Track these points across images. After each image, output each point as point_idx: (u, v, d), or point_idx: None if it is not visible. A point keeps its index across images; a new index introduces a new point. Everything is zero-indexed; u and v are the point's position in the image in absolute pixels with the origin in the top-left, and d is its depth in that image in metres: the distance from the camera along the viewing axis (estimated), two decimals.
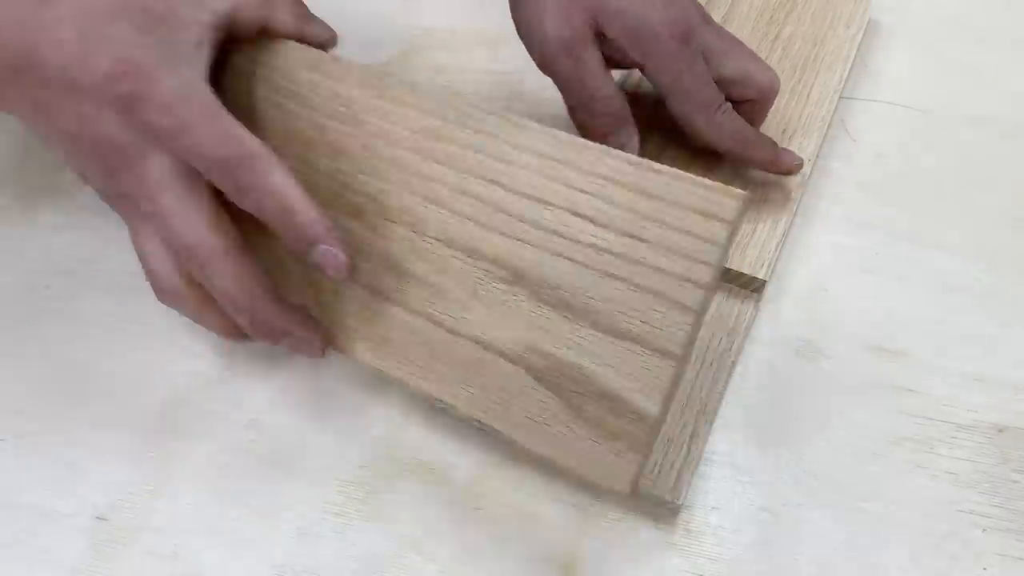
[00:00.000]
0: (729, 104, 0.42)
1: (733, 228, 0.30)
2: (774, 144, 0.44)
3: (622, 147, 0.42)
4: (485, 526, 0.37)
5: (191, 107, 0.32)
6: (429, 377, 0.35)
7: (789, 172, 0.44)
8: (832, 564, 0.36)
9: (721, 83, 0.42)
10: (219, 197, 0.34)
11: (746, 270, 0.42)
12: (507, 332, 0.33)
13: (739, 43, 0.43)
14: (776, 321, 0.43)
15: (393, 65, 0.53)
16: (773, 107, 0.45)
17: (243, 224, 0.35)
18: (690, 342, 0.31)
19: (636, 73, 0.50)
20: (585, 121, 0.43)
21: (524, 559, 0.36)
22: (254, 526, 0.37)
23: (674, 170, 0.32)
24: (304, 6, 0.40)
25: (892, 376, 0.41)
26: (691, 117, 0.42)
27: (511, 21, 0.42)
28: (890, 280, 0.44)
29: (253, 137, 0.33)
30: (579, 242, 0.32)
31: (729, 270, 0.42)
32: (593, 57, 0.41)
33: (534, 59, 0.42)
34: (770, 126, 0.47)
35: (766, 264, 0.42)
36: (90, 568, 0.36)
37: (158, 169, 0.33)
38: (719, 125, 0.42)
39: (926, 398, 0.40)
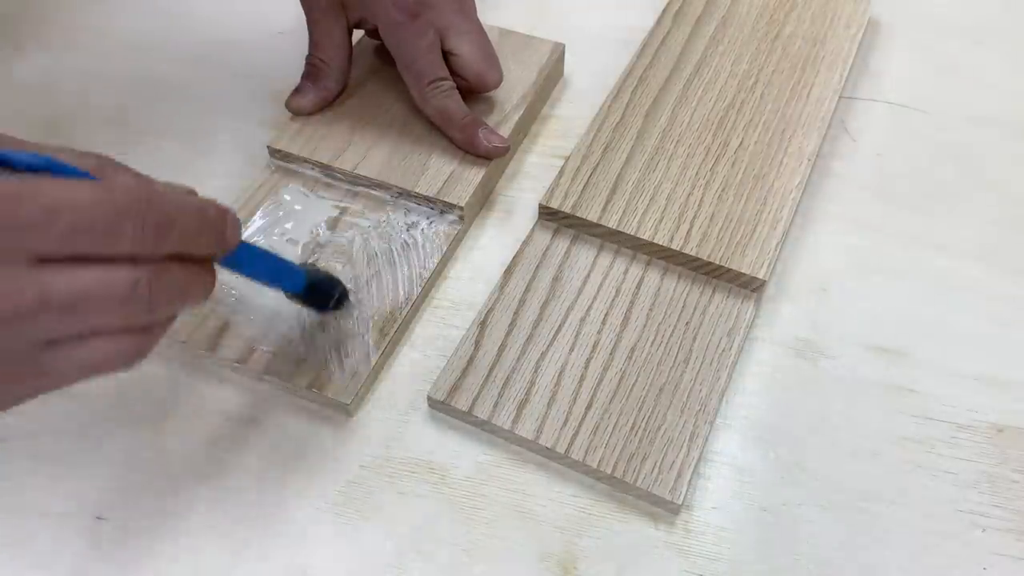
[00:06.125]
0: (447, 82, 0.46)
1: None
2: (476, 126, 0.46)
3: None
4: (485, 526, 0.37)
5: None
6: None
7: (487, 155, 0.46)
8: (832, 564, 0.36)
9: (446, 58, 0.46)
10: None
11: (746, 270, 0.41)
12: None
13: (481, 33, 0.47)
14: (776, 321, 0.43)
15: None
16: (773, 106, 0.45)
17: None
18: None
19: (635, 70, 0.50)
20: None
21: (524, 559, 0.36)
22: (255, 526, 0.37)
23: None
24: None
25: (892, 376, 0.41)
26: (408, 85, 0.47)
27: None
28: (890, 280, 0.44)
29: None
30: None
31: (729, 270, 0.42)
32: (334, 21, 0.47)
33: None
34: (770, 125, 0.47)
35: (766, 264, 0.42)
36: (90, 568, 0.36)
37: None
38: (425, 98, 0.46)
39: (926, 398, 0.40)
